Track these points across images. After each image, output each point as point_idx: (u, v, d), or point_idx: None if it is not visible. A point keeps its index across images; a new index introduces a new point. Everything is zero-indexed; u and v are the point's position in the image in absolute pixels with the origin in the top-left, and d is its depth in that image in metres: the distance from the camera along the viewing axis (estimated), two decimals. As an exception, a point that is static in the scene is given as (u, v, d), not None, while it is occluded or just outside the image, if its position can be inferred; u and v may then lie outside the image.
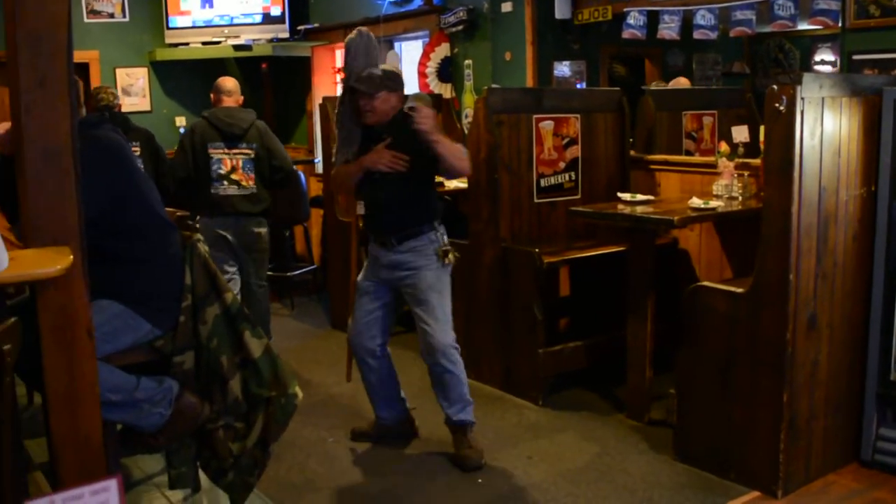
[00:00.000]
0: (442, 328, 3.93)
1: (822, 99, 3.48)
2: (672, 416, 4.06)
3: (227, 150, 5.29)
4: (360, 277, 4.18)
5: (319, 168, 7.99)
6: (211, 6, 8.54)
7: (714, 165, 4.77)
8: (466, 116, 6.96)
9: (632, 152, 5.53)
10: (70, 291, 2.37)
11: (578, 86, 7.08)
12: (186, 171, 5.31)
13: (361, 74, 3.93)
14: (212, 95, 5.60)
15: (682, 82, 6.94)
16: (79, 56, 7.85)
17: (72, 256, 2.30)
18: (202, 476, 3.43)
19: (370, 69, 3.95)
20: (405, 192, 3.93)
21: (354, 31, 4.05)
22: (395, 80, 3.98)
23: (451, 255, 3.99)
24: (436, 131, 3.76)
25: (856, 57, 5.17)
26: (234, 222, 5.27)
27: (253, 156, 5.33)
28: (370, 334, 4.10)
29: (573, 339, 4.88)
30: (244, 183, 5.29)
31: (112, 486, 1.95)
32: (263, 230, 5.42)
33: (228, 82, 5.63)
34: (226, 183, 5.26)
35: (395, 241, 3.95)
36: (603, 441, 4.24)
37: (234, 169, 5.28)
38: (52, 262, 2.27)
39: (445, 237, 4.02)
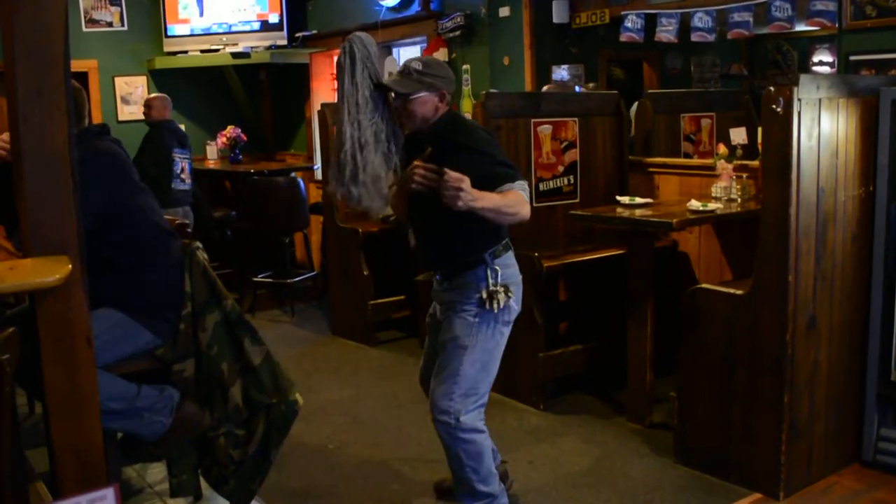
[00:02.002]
0: (442, 389, 3.17)
1: (820, 100, 3.49)
2: (673, 419, 4.06)
3: (182, 155, 6.70)
4: (428, 315, 3.52)
5: (318, 175, 8.00)
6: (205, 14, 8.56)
7: (712, 167, 4.77)
8: (465, 121, 6.97)
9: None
10: (69, 300, 2.37)
11: (576, 89, 7.08)
12: (157, 170, 6.48)
13: (400, 68, 3.22)
14: (155, 108, 6.96)
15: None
16: (77, 65, 7.86)
17: (71, 266, 2.30)
18: (203, 484, 3.43)
19: (409, 61, 3.21)
20: (444, 216, 3.02)
21: (347, 39, 3.25)
22: (437, 74, 3.18)
23: (499, 299, 3.13)
24: (469, 196, 2.81)
25: (853, 58, 5.17)
26: (183, 213, 6.48)
27: (191, 159, 6.86)
28: None
29: (573, 342, 4.87)
30: (187, 181, 6.73)
31: (109, 494, 1.95)
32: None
33: (169, 99, 7.09)
34: (179, 181, 6.64)
35: (440, 277, 3.29)
36: (604, 445, 4.24)
37: (183, 170, 6.70)
38: (51, 271, 2.27)
39: (504, 275, 3.18)
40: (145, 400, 3.01)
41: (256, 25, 8.55)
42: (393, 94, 3.22)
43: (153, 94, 7.39)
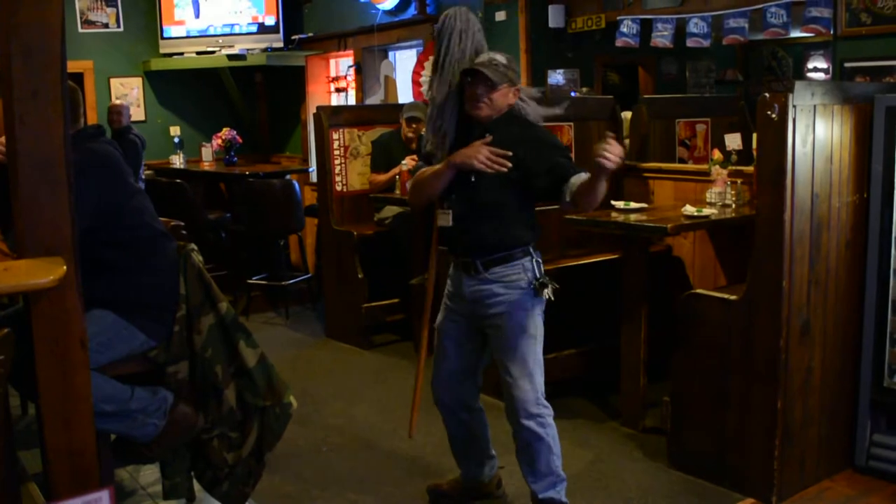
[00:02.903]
0: (529, 383, 3.24)
1: (814, 107, 3.50)
2: (666, 424, 4.06)
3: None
4: (438, 319, 3.50)
5: (314, 177, 8.01)
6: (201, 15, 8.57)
7: (707, 173, 4.78)
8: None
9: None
10: (63, 302, 2.36)
11: (572, 94, 7.09)
12: (135, 177, 7.00)
13: (473, 59, 3.28)
14: (124, 115, 7.32)
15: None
16: (73, 66, 7.88)
17: (65, 267, 2.30)
18: (197, 486, 3.42)
19: (491, 53, 3.28)
20: (501, 203, 3.22)
21: (454, 9, 3.36)
22: (516, 70, 3.33)
23: (549, 289, 3.26)
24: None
25: (848, 64, 5.18)
26: None
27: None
28: (462, 385, 3.48)
29: (567, 347, 4.88)
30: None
31: (104, 497, 1.95)
32: None
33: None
34: (142, 182, 7.10)
35: (480, 266, 3.26)
36: (597, 449, 4.24)
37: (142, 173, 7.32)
38: (45, 272, 2.26)
39: (542, 266, 3.31)
40: (139, 402, 3.01)
41: (253, 28, 8.56)
42: (469, 80, 3.25)
43: (119, 101, 7.52)
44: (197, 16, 8.58)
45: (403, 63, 8.13)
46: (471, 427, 3.56)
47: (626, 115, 6.10)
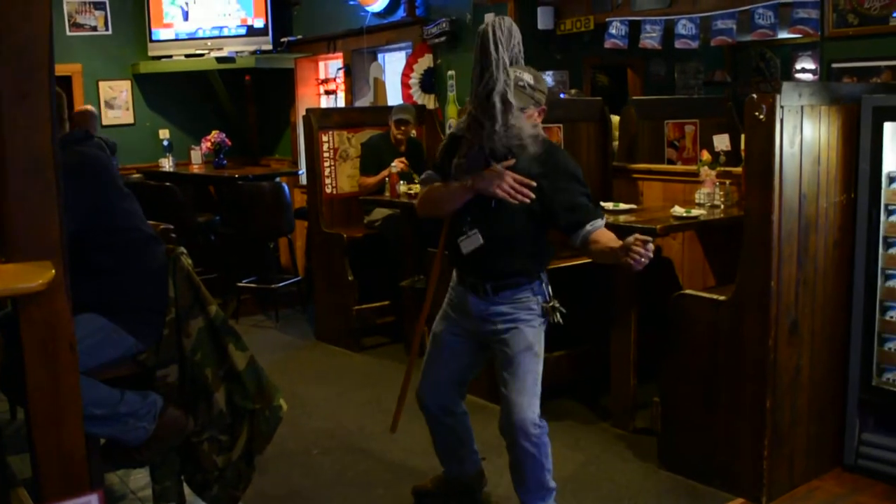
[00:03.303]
0: (527, 401, 3.20)
1: (802, 107, 3.51)
2: (656, 425, 4.07)
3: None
4: (437, 325, 3.48)
5: (303, 180, 8.00)
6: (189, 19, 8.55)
7: (696, 174, 4.80)
8: (450, 127, 6.98)
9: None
10: (52, 306, 2.36)
11: (561, 95, 7.11)
12: None
13: (512, 81, 3.06)
14: (78, 120, 6.91)
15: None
16: (61, 69, 7.85)
17: (54, 270, 2.29)
18: (187, 490, 3.42)
19: (519, 73, 3.11)
20: (517, 231, 3.17)
21: (494, 19, 3.18)
22: (543, 90, 3.19)
23: (557, 314, 3.30)
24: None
25: (835, 65, 5.20)
26: None
27: None
28: (450, 393, 3.50)
29: (557, 348, 4.88)
30: None
31: (93, 500, 1.94)
32: None
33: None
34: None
35: (490, 290, 3.23)
36: (588, 450, 4.25)
37: None
38: (34, 276, 2.26)
39: (550, 289, 3.32)
40: (128, 405, 3.00)
41: (242, 30, 8.54)
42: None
43: (89, 107, 7.53)
44: (185, 18, 8.56)
45: (393, 65, 8.14)
46: (454, 430, 3.58)
47: (615, 116, 6.12)
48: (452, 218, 3.29)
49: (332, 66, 8.76)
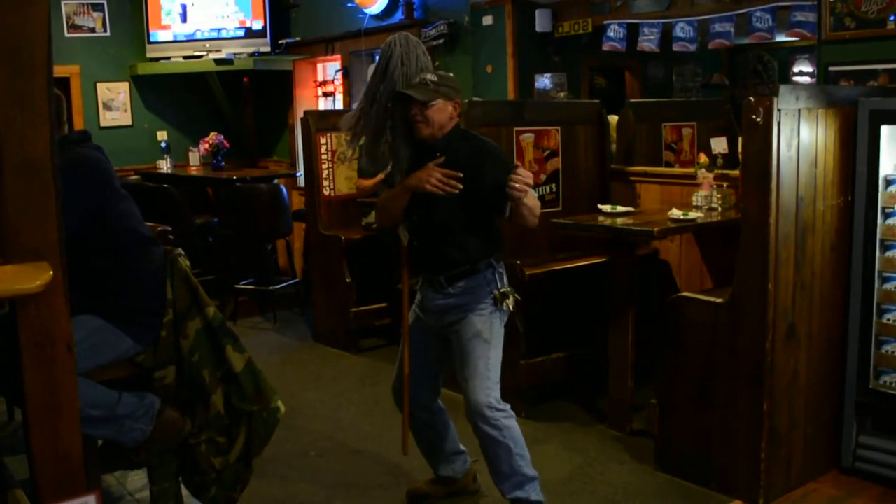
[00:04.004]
0: (480, 384, 3.29)
1: (799, 110, 3.52)
2: (653, 427, 4.07)
3: None
4: (409, 323, 3.60)
5: (301, 182, 8.00)
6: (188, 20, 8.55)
7: (693, 177, 4.81)
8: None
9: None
10: (50, 307, 2.36)
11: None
12: None
13: (410, 82, 3.33)
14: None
15: None
16: (60, 71, 7.84)
17: (52, 272, 2.29)
18: (184, 491, 3.41)
19: (423, 74, 3.35)
20: (458, 221, 3.35)
21: (393, 37, 3.42)
22: (449, 86, 3.38)
23: (510, 300, 3.40)
24: (530, 193, 3.17)
25: (832, 68, 5.22)
26: None
27: None
28: (422, 388, 3.58)
29: (555, 350, 4.89)
30: None
31: (91, 502, 1.94)
32: None
33: None
34: None
35: (444, 282, 3.39)
36: (585, 452, 4.25)
37: None
38: (31, 277, 2.26)
39: (505, 277, 3.45)
40: (126, 407, 3.00)
41: (240, 32, 8.54)
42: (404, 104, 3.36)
43: None
44: (184, 20, 8.56)
45: (391, 67, 8.13)
46: (432, 426, 3.66)
47: (613, 118, 6.13)
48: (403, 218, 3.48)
49: (330, 68, 8.77)
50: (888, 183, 3.75)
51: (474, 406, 3.29)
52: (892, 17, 4.86)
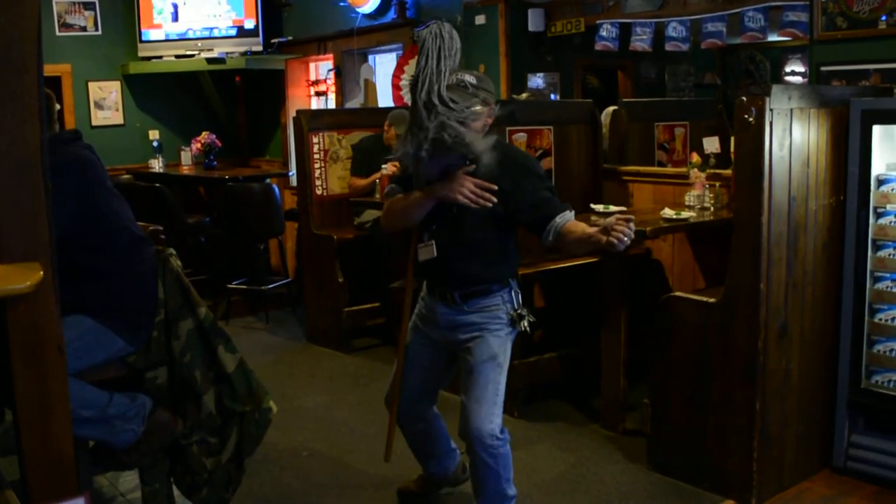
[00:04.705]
0: (486, 412, 3.12)
1: (791, 110, 3.52)
2: (646, 426, 4.08)
3: None
4: (407, 337, 3.44)
5: (293, 181, 7.99)
6: (178, 20, 8.53)
7: (686, 176, 4.81)
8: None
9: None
10: (40, 307, 2.35)
11: (553, 97, 7.12)
12: None
13: (449, 81, 2.99)
14: None
15: None
16: (51, 70, 7.82)
17: (42, 272, 2.28)
18: (176, 492, 3.40)
19: (459, 74, 3.06)
20: (483, 236, 3.13)
21: (431, 25, 3.15)
22: (488, 89, 3.10)
23: (525, 322, 3.22)
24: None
25: (824, 68, 5.23)
26: None
27: None
28: (420, 404, 3.48)
29: (547, 350, 4.89)
30: None
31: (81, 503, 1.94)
32: None
33: None
34: None
35: (458, 299, 3.19)
36: (578, 452, 4.25)
37: None
38: (22, 277, 2.25)
39: (520, 297, 3.28)
40: (117, 407, 2.99)
41: (232, 31, 8.53)
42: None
43: None
44: (175, 19, 8.54)
45: (383, 67, 8.13)
46: (427, 433, 3.58)
47: (608, 109, 6.13)
48: (419, 227, 3.26)
49: (322, 67, 8.75)
50: (880, 182, 3.76)
51: (475, 433, 3.10)
52: (883, 17, 4.87)
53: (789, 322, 3.68)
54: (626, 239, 2.80)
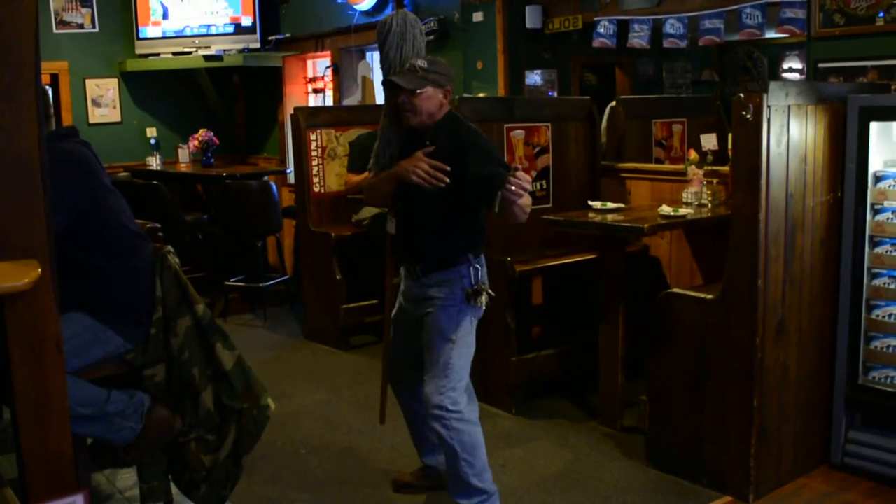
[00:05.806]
0: (436, 384, 3.25)
1: (788, 107, 3.53)
2: (644, 423, 4.08)
3: None
4: (393, 312, 3.64)
5: (291, 178, 7.98)
6: (171, 17, 8.51)
7: (683, 173, 4.81)
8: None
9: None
10: (39, 305, 2.35)
11: (550, 94, 7.12)
12: None
13: (402, 66, 3.29)
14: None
15: None
16: (48, 67, 7.81)
17: (40, 270, 2.28)
18: (174, 489, 3.41)
19: (414, 60, 3.28)
20: (441, 213, 3.27)
21: (391, 14, 3.40)
22: (440, 72, 3.28)
23: (482, 297, 3.29)
24: (527, 200, 3.05)
25: (822, 65, 5.23)
26: None
27: None
28: (411, 378, 3.57)
29: (546, 346, 4.89)
30: None
31: (79, 501, 1.93)
32: None
33: None
34: None
35: (419, 272, 3.35)
36: (576, 448, 4.26)
37: None
38: (20, 275, 2.25)
39: (482, 273, 3.35)
40: (115, 405, 2.99)
41: (229, 28, 8.51)
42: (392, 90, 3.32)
43: None
44: (166, 17, 8.52)
45: (381, 64, 8.12)
46: (417, 412, 3.62)
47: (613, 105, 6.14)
48: (390, 202, 3.47)
49: (320, 64, 8.75)
50: (877, 179, 3.76)
51: (426, 402, 3.28)
52: (881, 14, 4.87)
53: (787, 318, 3.68)
54: (513, 188, 2.86)
